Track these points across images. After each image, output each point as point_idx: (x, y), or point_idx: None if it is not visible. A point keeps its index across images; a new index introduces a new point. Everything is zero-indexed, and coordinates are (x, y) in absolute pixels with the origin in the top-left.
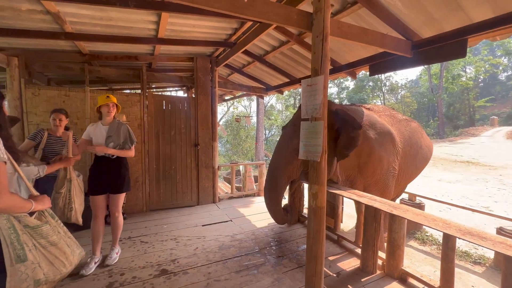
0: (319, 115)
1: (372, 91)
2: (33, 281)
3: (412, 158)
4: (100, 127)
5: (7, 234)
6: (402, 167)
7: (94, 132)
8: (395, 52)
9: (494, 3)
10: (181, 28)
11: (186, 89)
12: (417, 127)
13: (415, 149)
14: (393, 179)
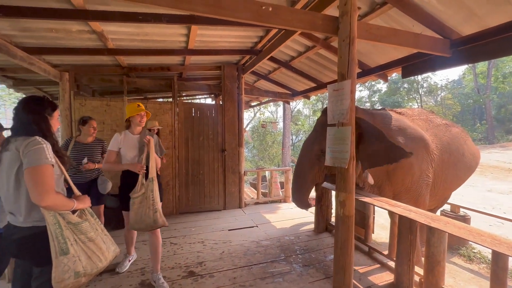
0: (346, 121)
1: (408, 94)
2: (73, 273)
3: (452, 166)
4: (130, 137)
5: (53, 229)
6: (439, 176)
7: (124, 142)
8: (431, 52)
9: None
10: (209, 39)
11: (214, 97)
12: (459, 133)
13: (456, 157)
14: (427, 187)
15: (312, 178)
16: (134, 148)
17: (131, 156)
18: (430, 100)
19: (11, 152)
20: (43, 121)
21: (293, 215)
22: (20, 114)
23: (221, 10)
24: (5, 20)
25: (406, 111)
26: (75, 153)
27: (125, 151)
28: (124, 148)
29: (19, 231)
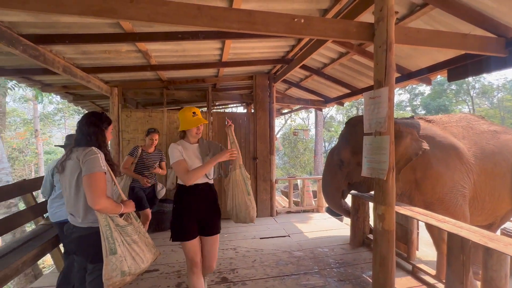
0: (384, 129)
1: (456, 96)
2: (120, 272)
3: (499, 177)
4: (189, 147)
5: (104, 230)
6: (482, 188)
7: (185, 153)
8: (482, 53)
9: None
10: (242, 51)
11: (245, 105)
12: (511, 140)
13: (504, 167)
14: (463, 199)
15: (335, 186)
16: (196, 158)
17: (195, 166)
18: (485, 102)
19: (73, 161)
20: (101, 133)
21: (326, 226)
22: (82, 127)
23: (254, 26)
24: (70, 46)
25: (439, 118)
26: (139, 161)
27: (191, 163)
28: (188, 160)
29: (77, 230)
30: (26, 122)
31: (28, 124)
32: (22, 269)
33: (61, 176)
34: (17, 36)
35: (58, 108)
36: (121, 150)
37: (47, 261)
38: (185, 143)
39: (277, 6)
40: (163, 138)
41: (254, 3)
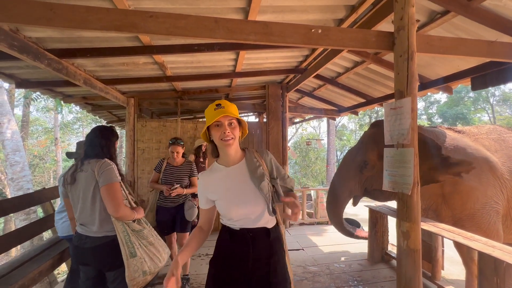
0: (407, 141)
1: (474, 104)
2: (141, 272)
3: None
4: (226, 172)
5: (123, 236)
6: None
7: (219, 184)
8: (509, 61)
9: None
10: (256, 61)
11: (257, 114)
12: None
13: None
14: (497, 216)
15: (350, 189)
16: (243, 185)
17: (243, 201)
18: (506, 110)
19: (87, 173)
20: (112, 146)
21: (342, 240)
22: (95, 140)
23: (271, 37)
24: (90, 59)
25: (469, 129)
26: (164, 176)
27: (227, 198)
28: (221, 194)
29: (92, 241)
30: (47, 131)
31: (49, 132)
32: (39, 279)
33: (72, 187)
34: (43, 51)
35: (77, 117)
36: (136, 160)
37: (61, 267)
38: (216, 169)
39: (293, 17)
40: None
41: (269, 15)
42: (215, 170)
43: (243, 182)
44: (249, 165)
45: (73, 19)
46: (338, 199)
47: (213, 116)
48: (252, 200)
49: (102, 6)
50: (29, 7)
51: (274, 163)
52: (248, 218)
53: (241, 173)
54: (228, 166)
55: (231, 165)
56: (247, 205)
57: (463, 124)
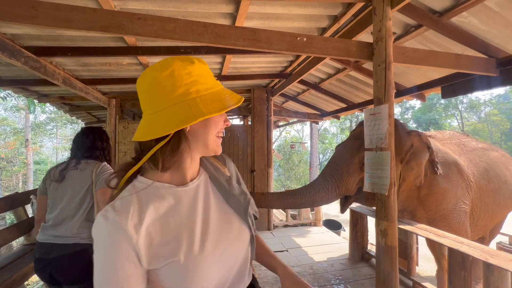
0: (385, 145)
1: (445, 110)
2: None
3: (492, 194)
4: (189, 196)
5: None
6: (477, 205)
7: (199, 228)
8: (474, 72)
9: None
10: (242, 65)
11: (242, 117)
12: (499, 157)
13: (496, 184)
14: (465, 215)
15: (347, 186)
16: (224, 223)
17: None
18: (473, 117)
19: (84, 172)
20: (109, 149)
21: (324, 240)
22: (96, 142)
23: (258, 43)
24: (71, 58)
25: (437, 134)
26: None
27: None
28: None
29: (59, 249)
30: (17, 132)
31: (18, 133)
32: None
33: (58, 185)
34: (19, 48)
35: (51, 117)
36: (116, 162)
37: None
38: (160, 193)
39: (278, 24)
40: None
41: (256, 21)
42: (161, 197)
43: (220, 209)
44: (215, 177)
45: (57, 18)
46: (332, 194)
47: (225, 100)
48: (239, 242)
49: (87, 6)
50: (9, 4)
51: (239, 176)
52: (232, 281)
53: (208, 193)
54: (182, 184)
55: (189, 181)
56: (235, 254)
57: (435, 128)
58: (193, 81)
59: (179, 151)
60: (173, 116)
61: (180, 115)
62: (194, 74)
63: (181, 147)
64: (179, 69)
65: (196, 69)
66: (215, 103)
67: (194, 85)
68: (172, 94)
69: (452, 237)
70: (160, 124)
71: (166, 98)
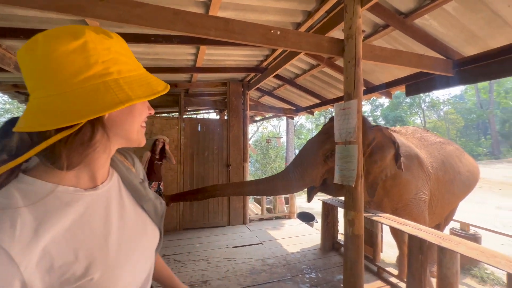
0: (354, 139)
1: (410, 108)
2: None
3: (448, 184)
4: (100, 201)
5: None
6: (435, 194)
7: (113, 240)
8: (434, 72)
9: None
10: (217, 58)
11: (218, 112)
12: (453, 150)
13: (451, 175)
14: (424, 204)
15: (311, 177)
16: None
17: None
18: (433, 115)
19: None
20: None
21: (298, 232)
22: None
23: (231, 34)
24: (24, 41)
25: (401, 129)
26: None
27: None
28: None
29: None
30: None
31: None
32: None
33: None
34: None
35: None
36: None
37: None
38: (65, 198)
39: (253, 16)
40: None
41: (230, 12)
42: (64, 204)
43: (135, 215)
44: (128, 178)
45: None
46: (296, 184)
47: (152, 84)
48: (152, 247)
49: None
50: None
51: (146, 178)
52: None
53: (122, 197)
54: (91, 187)
55: (100, 184)
56: (148, 260)
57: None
58: (113, 59)
59: (92, 143)
60: (88, 100)
61: (98, 99)
62: (113, 51)
63: (96, 138)
64: (94, 42)
65: (115, 45)
66: (143, 87)
67: (115, 64)
68: (85, 72)
69: (412, 224)
70: (68, 109)
71: (74, 77)
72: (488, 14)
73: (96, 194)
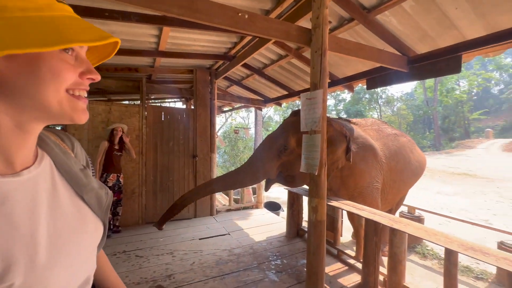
0: (318, 128)
1: (369, 104)
2: None
3: (399, 173)
4: (23, 189)
5: None
6: (387, 181)
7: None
8: (391, 67)
9: (486, 22)
10: (182, 42)
11: (184, 100)
12: (406, 142)
13: (403, 164)
14: (377, 192)
15: (266, 170)
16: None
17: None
18: (388, 110)
19: None
20: None
21: (265, 221)
22: None
23: (196, 14)
24: None
25: (360, 121)
26: None
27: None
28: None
29: None
30: None
31: None
32: None
33: None
34: None
35: None
36: None
37: None
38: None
39: None
40: (84, 134)
41: None
42: None
43: (72, 206)
44: (64, 163)
45: None
46: (253, 178)
47: (73, 29)
48: (93, 242)
49: None
50: None
51: (89, 164)
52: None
53: (56, 184)
54: (9, 173)
55: (21, 169)
56: (88, 257)
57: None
58: None
59: None
60: None
61: None
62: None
63: None
64: None
65: None
66: (53, 34)
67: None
68: None
69: (368, 209)
70: None
71: None
72: (439, 14)
73: (17, 182)
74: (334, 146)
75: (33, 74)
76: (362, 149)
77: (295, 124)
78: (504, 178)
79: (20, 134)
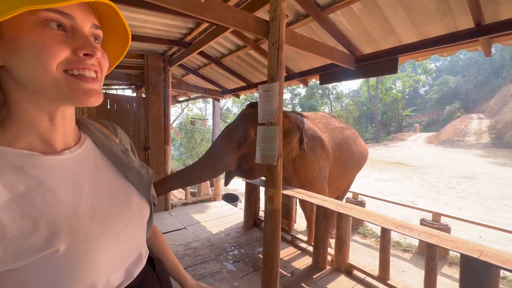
0: (275, 120)
1: (321, 99)
2: None
3: (343, 162)
4: (65, 166)
5: None
6: (333, 171)
7: (84, 210)
8: (341, 65)
9: (418, 30)
10: (131, 23)
11: (135, 88)
12: (350, 135)
13: (346, 155)
14: (324, 180)
15: (226, 163)
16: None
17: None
18: (338, 105)
19: None
20: None
21: (223, 213)
22: None
23: None
24: None
25: (311, 115)
26: None
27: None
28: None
29: None
30: None
31: None
32: None
33: None
34: None
35: None
36: None
37: None
38: (14, 161)
39: None
40: None
41: None
42: (15, 169)
43: (115, 183)
44: (106, 146)
45: None
46: (214, 171)
47: None
48: (139, 219)
49: None
50: None
51: (134, 149)
52: (130, 263)
53: (98, 165)
54: (52, 153)
55: (61, 150)
56: (134, 233)
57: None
58: None
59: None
60: None
61: None
62: None
63: None
64: None
65: None
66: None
67: None
68: None
69: (319, 197)
70: None
71: None
72: (382, 19)
73: (60, 160)
74: (289, 137)
75: (19, 55)
76: (311, 140)
77: (253, 116)
78: (426, 166)
79: (47, 117)
